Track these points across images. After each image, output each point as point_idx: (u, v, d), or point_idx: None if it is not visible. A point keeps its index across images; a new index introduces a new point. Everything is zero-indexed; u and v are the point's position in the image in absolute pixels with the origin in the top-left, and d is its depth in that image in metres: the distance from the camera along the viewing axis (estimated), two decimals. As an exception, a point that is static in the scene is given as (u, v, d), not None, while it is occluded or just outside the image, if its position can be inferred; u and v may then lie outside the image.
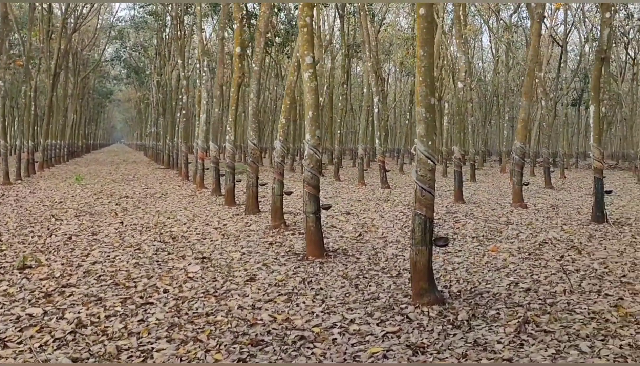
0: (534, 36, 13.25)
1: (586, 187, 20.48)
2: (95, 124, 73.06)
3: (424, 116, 5.64)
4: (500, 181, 23.69)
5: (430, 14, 5.63)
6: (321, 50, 26.15)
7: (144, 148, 55.10)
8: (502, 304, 5.72)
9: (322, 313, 5.38)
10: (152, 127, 40.48)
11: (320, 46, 26.02)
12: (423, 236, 5.65)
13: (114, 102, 74.40)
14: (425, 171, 5.64)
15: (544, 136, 24.09)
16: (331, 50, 33.80)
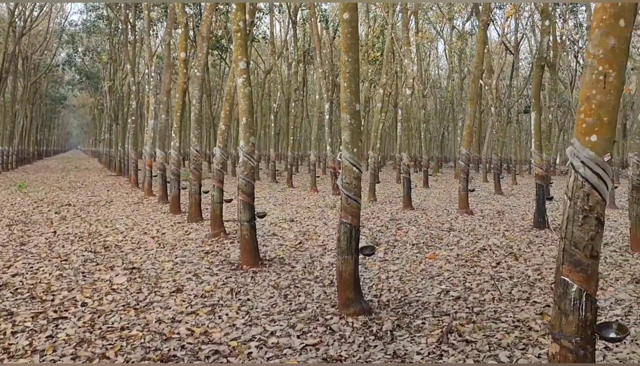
0: (478, 43, 13.35)
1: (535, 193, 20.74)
2: (49, 130, 71.40)
3: (348, 122, 5.54)
4: (452, 187, 23.83)
5: (354, 19, 5.54)
6: (274, 56, 25.98)
7: (99, 155, 54.10)
8: (430, 313, 5.65)
9: (243, 325, 5.22)
10: (105, 133, 39.73)
11: (273, 53, 25.86)
12: (349, 245, 5.54)
13: (68, 107, 72.86)
14: (350, 179, 5.53)
15: (494, 142, 24.34)
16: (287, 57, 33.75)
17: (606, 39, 3.02)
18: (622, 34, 3.02)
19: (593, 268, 3.10)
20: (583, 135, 3.11)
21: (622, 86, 3.07)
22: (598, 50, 3.05)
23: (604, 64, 3.04)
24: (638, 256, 8.69)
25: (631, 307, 5.89)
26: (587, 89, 3.09)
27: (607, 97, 3.04)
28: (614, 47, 3.02)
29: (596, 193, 3.10)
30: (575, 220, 3.12)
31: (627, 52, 3.07)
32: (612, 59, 3.03)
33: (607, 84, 3.02)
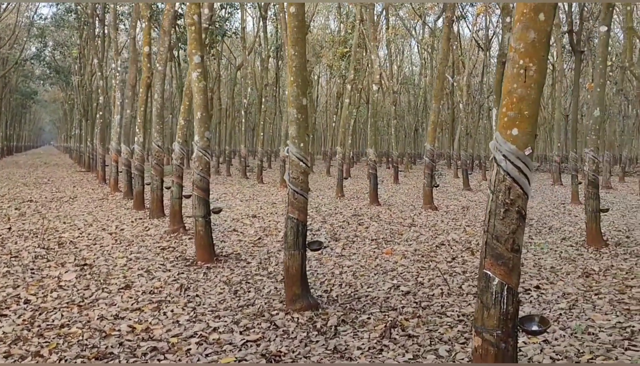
0: (443, 40, 13.40)
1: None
2: (19, 125, 70.22)
3: (295, 117, 5.51)
4: (422, 184, 23.95)
5: (301, 13, 5.51)
6: (245, 52, 25.84)
7: (70, 151, 53.42)
8: (377, 308, 5.65)
9: (187, 322, 5.17)
10: (76, 129, 39.24)
11: (244, 48, 25.73)
12: (296, 240, 5.52)
13: (39, 103, 71.72)
14: (297, 174, 5.51)
15: (463, 138, 24.50)
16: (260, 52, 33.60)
17: (526, 33, 3.02)
18: (542, 27, 3.02)
19: (514, 262, 3.10)
20: (505, 129, 3.12)
21: (543, 79, 3.08)
22: (519, 44, 3.05)
23: (525, 58, 3.04)
24: (593, 251, 8.79)
25: (576, 300, 5.94)
26: (508, 83, 3.10)
27: (527, 91, 3.05)
28: (534, 40, 3.02)
29: (517, 186, 3.10)
30: (497, 214, 3.12)
31: (547, 46, 3.07)
32: (532, 52, 3.03)
33: (527, 78, 3.02)
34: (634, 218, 12.84)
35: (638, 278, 7.03)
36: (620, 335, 4.87)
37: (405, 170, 33.46)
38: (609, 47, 23.03)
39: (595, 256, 8.43)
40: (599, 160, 9.48)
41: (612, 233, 10.55)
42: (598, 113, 9.37)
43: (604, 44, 9.29)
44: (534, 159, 15.39)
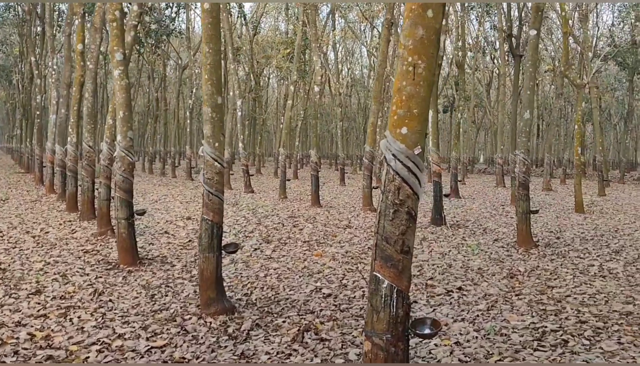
0: (382, 42, 13.41)
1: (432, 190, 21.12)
2: (-40, 125, 67.83)
3: (210, 116, 5.36)
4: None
5: (215, 9, 5.36)
6: (191, 52, 25.49)
7: (12, 152, 51.86)
8: (295, 311, 5.54)
9: (93, 328, 4.96)
10: (17, 129, 38.10)
11: (189, 48, 25.38)
12: (210, 242, 5.36)
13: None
14: (212, 174, 5.36)
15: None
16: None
17: (415, 30, 2.96)
18: (431, 24, 2.96)
19: (404, 264, 3.03)
20: (395, 127, 3.04)
21: (432, 77, 3.02)
22: (408, 41, 2.99)
23: (414, 55, 2.97)
24: (522, 252, 8.88)
25: (496, 302, 5.96)
26: (398, 81, 3.03)
27: (416, 88, 2.98)
28: (422, 37, 2.96)
29: (407, 186, 3.03)
30: (387, 214, 3.05)
31: (436, 43, 3.01)
32: (421, 49, 2.97)
33: (416, 76, 2.96)
34: (568, 219, 13.09)
35: (560, 278, 7.11)
36: (531, 335, 4.88)
37: (353, 172, 33.54)
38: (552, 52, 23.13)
39: (524, 257, 8.52)
40: (529, 162, 9.58)
41: (544, 234, 10.71)
42: (528, 115, 9.49)
43: (534, 48, 9.41)
44: (486, 161, 15.34)
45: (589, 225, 12.01)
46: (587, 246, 9.37)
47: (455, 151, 20.06)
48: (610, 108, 44.75)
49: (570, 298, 6.16)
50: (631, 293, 6.39)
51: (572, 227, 11.68)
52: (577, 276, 7.25)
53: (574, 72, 14.72)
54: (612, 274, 7.35)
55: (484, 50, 35.96)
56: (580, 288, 6.61)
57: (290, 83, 17.70)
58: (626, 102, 36.16)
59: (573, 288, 6.64)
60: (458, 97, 23.15)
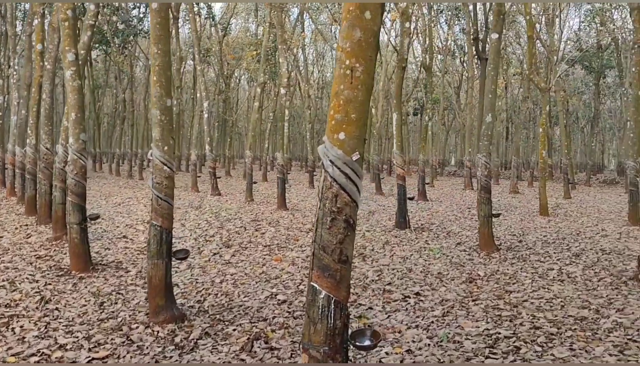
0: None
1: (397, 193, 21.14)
2: None
3: (159, 118, 5.21)
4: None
5: (164, 9, 5.22)
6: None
7: (-23, 153, 50.71)
8: (248, 319, 5.42)
9: (34, 338, 4.78)
10: (-19, 130, 37.27)
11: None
12: (159, 248, 5.21)
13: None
14: (161, 178, 5.21)
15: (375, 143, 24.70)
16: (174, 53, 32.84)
17: (352, 32, 2.87)
18: (369, 26, 2.87)
19: (342, 273, 2.93)
20: (332, 133, 2.95)
21: (371, 81, 2.92)
22: (345, 43, 2.89)
23: (351, 58, 2.88)
24: (484, 256, 8.87)
25: (452, 307, 5.90)
26: (336, 84, 2.93)
27: (354, 92, 2.89)
28: (360, 40, 2.87)
29: (345, 193, 2.94)
30: (324, 222, 2.95)
31: (374, 46, 2.92)
32: (358, 52, 2.88)
33: (354, 79, 2.86)
34: (532, 222, 13.15)
35: (519, 282, 7.10)
36: (484, 342, 4.82)
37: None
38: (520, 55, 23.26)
39: (485, 261, 8.50)
40: (491, 165, 9.58)
41: (507, 238, 10.73)
42: (490, 119, 9.49)
43: (495, 51, 9.41)
44: (457, 163, 15.22)
45: (552, 228, 12.08)
46: (549, 250, 9.40)
47: (422, 154, 20.10)
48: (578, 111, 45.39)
49: (527, 303, 6.13)
50: (587, 297, 6.39)
51: (535, 230, 11.73)
52: (535, 280, 7.24)
53: (538, 76, 14.81)
54: (571, 279, 7.36)
55: (453, 54, 36.20)
56: (537, 293, 6.60)
57: (257, 85, 17.55)
58: (593, 106, 36.67)
59: (531, 292, 6.62)
60: (426, 100, 23.20)
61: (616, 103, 40.16)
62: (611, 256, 8.95)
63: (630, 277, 7.36)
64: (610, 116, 46.72)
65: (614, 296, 6.47)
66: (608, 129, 53.38)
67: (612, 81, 38.49)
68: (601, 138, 49.61)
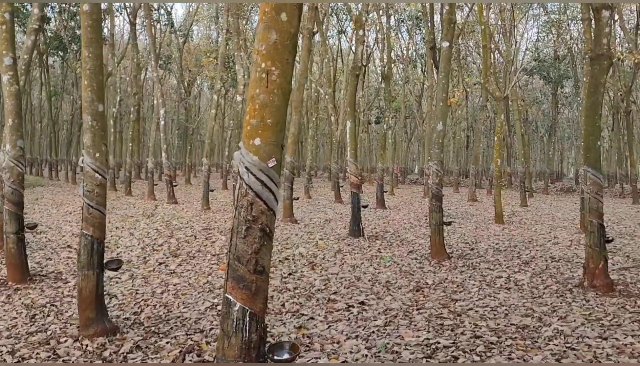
0: (303, 51, 13.27)
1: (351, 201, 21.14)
2: None
3: (90, 124, 5.04)
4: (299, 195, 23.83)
5: (96, 12, 5.06)
6: (114, 59, 24.79)
7: None
8: (184, 330, 5.26)
9: (-46, 354, 4.55)
10: None
11: (112, 55, 24.66)
12: (90, 259, 5.03)
13: None
14: (92, 186, 5.03)
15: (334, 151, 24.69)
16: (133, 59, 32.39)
17: (268, 34, 2.77)
18: (285, 28, 2.78)
19: (259, 284, 2.82)
20: (248, 138, 2.84)
21: (288, 85, 2.83)
22: (261, 46, 2.79)
23: (267, 61, 2.78)
24: (434, 264, 8.85)
25: (396, 316, 5.83)
26: (252, 88, 2.83)
27: (270, 97, 2.79)
28: (276, 42, 2.77)
29: (261, 201, 2.83)
30: (239, 231, 2.84)
31: (292, 48, 2.83)
32: (274, 55, 2.78)
33: (270, 83, 2.76)
34: (486, 230, 13.22)
35: (466, 291, 7.07)
36: (422, 352, 4.75)
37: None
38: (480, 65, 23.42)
39: (435, 269, 8.47)
40: (442, 173, 9.58)
41: (460, 245, 10.74)
42: (441, 127, 9.50)
43: (446, 60, 9.43)
44: (420, 171, 15.05)
45: (505, 236, 12.15)
46: (499, 258, 9.42)
47: (381, 162, 20.13)
48: (537, 121, 46.17)
49: (471, 312, 6.09)
50: (532, 305, 6.38)
51: (489, 238, 11.79)
52: (483, 288, 7.23)
53: (493, 85, 14.95)
54: (518, 286, 7.37)
55: (415, 63, 36.48)
56: (483, 301, 6.57)
57: (214, 92, 17.35)
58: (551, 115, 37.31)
59: (477, 300, 6.59)
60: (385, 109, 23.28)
61: (574, 112, 40.91)
62: (560, 263, 9.01)
63: (575, 284, 7.41)
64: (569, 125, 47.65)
65: (558, 303, 6.48)
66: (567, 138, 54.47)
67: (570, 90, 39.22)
68: (560, 147, 50.53)
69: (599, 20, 7.27)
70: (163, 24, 28.02)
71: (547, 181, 32.50)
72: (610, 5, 7.30)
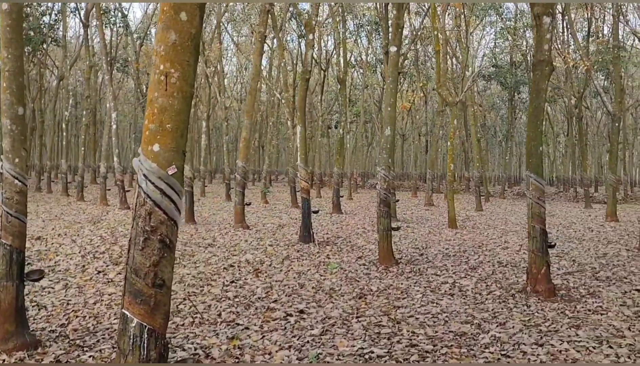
0: (255, 55, 13.12)
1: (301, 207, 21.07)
2: None
3: (9, 128, 4.81)
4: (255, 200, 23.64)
5: (16, 11, 4.83)
6: (67, 61, 24.23)
7: None
8: (111, 343, 5.05)
9: None
10: None
11: (65, 58, 24.13)
12: (9, 270, 4.79)
13: None
14: (11, 193, 4.80)
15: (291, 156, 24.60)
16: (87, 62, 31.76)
17: (167, 34, 2.63)
18: (185, 28, 2.64)
19: (158, 299, 2.67)
20: (146, 144, 2.69)
21: (189, 88, 2.69)
22: (160, 47, 2.65)
23: (166, 63, 2.64)
24: (382, 269, 8.78)
25: (333, 325, 5.72)
26: (150, 91, 2.69)
27: (170, 100, 2.65)
28: (175, 43, 2.63)
29: (160, 211, 2.68)
30: (137, 243, 2.68)
31: (193, 50, 2.69)
32: (174, 57, 2.64)
33: (169, 86, 2.62)
34: (438, 234, 13.24)
35: (410, 297, 7.00)
36: (354, 362, 4.64)
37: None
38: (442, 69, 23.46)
39: (382, 275, 8.39)
40: (390, 178, 9.53)
41: (410, 251, 10.71)
42: (389, 132, 9.44)
43: (394, 64, 9.39)
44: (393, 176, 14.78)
45: (456, 241, 12.17)
46: (447, 263, 9.41)
47: (337, 167, 20.07)
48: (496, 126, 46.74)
49: (411, 319, 6.02)
50: (473, 311, 6.34)
51: (439, 243, 11.79)
52: (426, 294, 7.17)
53: (446, 90, 15.01)
54: (462, 292, 7.33)
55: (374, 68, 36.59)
56: (425, 308, 6.51)
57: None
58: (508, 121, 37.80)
59: (419, 307, 6.53)
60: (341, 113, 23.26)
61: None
62: (507, 268, 9.03)
63: (519, 290, 7.41)
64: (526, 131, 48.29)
65: (500, 309, 6.46)
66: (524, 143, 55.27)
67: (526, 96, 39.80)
68: (518, 152, 51.27)
69: (540, 26, 7.29)
70: (118, 26, 27.52)
71: (504, 185, 32.87)
72: (551, 12, 7.33)
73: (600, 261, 9.75)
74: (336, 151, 22.63)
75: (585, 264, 9.34)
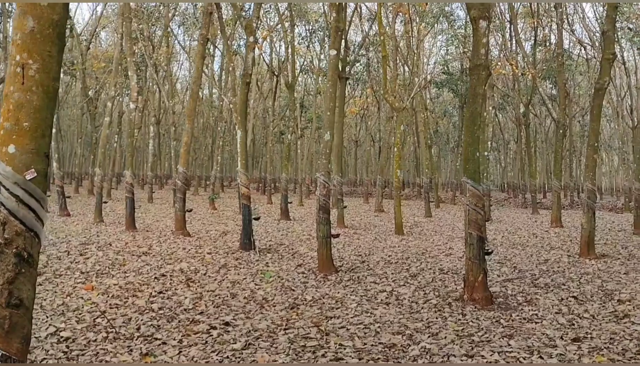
0: (197, 58, 12.78)
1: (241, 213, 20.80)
2: None
3: None
4: (205, 206, 23.20)
5: None
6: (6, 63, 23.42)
7: None
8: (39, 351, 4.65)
9: None
10: None
11: (5, 58, 23.29)
12: None
13: None
14: None
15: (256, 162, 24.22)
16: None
17: (24, 20, 2.33)
18: (45, 14, 2.34)
19: (14, 321, 2.35)
20: (1, 145, 2.37)
21: (52, 82, 2.39)
22: (16, 35, 2.34)
23: (22, 53, 2.34)
24: (321, 278, 8.58)
25: (258, 338, 5.44)
26: (7, 85, 2.38)
27: (27, 95, 2.35)
28: (33, 31, 2.33)
29: (16, 221, 2.37)
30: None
31: (55, 39, 2.40)
32: (32, 46, 2.34)
33: (27, 79, 2.32)
34: (383, 241, 13.10)
35: (344, 307, 6.78)
36: (272, 380, 4.38)
37: (194, 193, 32.54)
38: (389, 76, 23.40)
39: (319, 283, 8.16)
40: (330, 184, 9.31)
41: (352, 258, 10.51)
42: (328, 137, 9.23)
43: (333, 68, 9.19)
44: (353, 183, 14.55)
45: (401, 247, 12.04)
46: (388, 270, 9.23)
47: (285, 172, 19.81)
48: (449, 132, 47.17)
49: (342, 330, 5.79)
50: (407, 321, 6.15)
51: (383, 250, 11.63)
52: (362, 303, 6.95)
53: (392, 96, 14.90)
54: (399, 301, 7.15)
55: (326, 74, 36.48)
56: (359, 318, 6.28)
57: (108, 99, 16.55)
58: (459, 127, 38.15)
59: (352, 317, 6.30)
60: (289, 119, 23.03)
61: (481, 125, 42.01)
62: (447, 275, 8.90)
63: (456, 298, 7.26)
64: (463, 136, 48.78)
65: (434, 319, 6.28)
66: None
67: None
68: (469, 158, 51.72)
69: (477, 30, 7.17)
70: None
71: (455, 191, 33.10)
72: (487, 16, 7.22)
73: (541, 267, 9.72)
74: (283, 157, 22.35)
75: (525, 271, 9.28)
